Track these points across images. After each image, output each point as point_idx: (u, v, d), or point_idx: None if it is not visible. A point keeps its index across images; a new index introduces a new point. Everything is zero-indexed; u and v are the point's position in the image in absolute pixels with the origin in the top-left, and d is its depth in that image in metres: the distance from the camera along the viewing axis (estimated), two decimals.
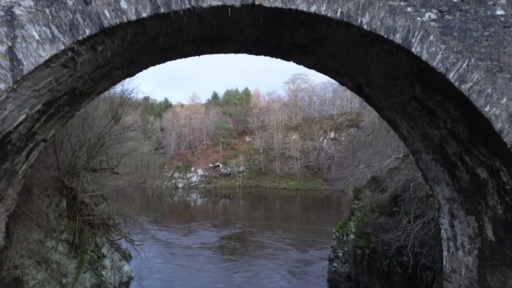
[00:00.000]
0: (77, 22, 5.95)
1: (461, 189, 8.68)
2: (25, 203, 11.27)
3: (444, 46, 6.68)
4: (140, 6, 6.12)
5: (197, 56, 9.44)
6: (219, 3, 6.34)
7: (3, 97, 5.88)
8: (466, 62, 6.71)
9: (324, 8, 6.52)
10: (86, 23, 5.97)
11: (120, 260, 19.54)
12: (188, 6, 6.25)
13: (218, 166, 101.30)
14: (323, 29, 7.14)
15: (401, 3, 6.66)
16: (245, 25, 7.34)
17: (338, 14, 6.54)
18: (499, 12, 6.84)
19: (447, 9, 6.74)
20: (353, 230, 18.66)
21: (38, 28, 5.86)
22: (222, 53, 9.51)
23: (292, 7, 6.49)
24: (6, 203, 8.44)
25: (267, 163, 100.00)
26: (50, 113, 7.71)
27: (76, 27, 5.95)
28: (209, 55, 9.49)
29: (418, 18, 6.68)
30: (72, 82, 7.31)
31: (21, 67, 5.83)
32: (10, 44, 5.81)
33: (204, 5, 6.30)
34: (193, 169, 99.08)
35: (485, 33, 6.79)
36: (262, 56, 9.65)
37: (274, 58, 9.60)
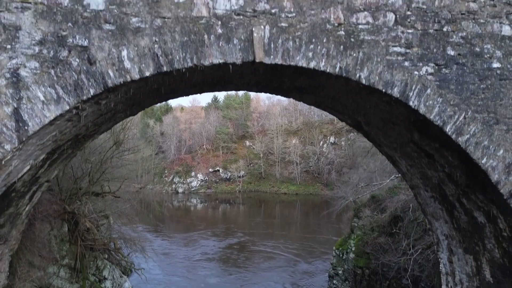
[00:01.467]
0: (81, 82, 6.07)
1: (459, 228, 8.79)
2: (27, 232, 11.38)
3: (441, 99, 6.80)
4: (143, 65, 6.25)
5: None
6: (221, 61, 6.47)
7: (8, 157, 5.99)
8: (463, 115, 6.83)
9: (323, 64, 6.64)
10: (90, 83, 6.09)
11: (120, 277, 19.64)
12: (190, 64, 6.37)
13: (218, 170, 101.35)
14: (322, 80, 7.26)
15: (399, 58, 6.78)
16: (246, 74, 7.46)
17: (337, 69, 6.66)
18: (495, 65, 6.96)
19: (444, 62, 6.86)
20: (353, 249, 18.76)
21: (43, 89, 5.98)
22: (223, 91, 9.64)
23: (292, 63, 6.62)
24: (9, 244, 8.55)
25: (267, 168, 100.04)
26: (53, 158, 7.82)
27: (80, 87, 6.07)
28: None
29: (416, 72, 6.80)
30: (76, 130, 7.43)
31: (26, 128, 5.94)
32: (15, 105, 5.92)
33: (206, 63, 6.42)
34: (193, 173, 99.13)
35: (481, 86, 6.91)
36: (262, 93, 9.81)
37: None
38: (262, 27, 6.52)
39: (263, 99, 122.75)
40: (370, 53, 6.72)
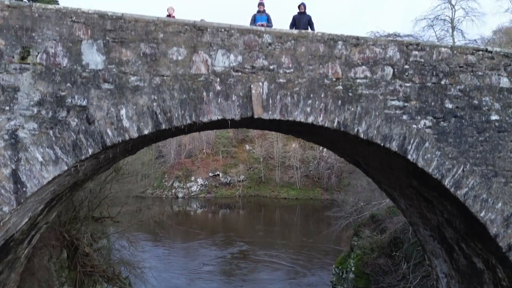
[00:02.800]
0: (80, 142, 6.07)
1: (458, 269, 8.79)
2: (26, 264, 11.36)
3: (439, 153, 6.80)
4: (142, 123, 6.25)
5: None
6: (219, 117, 6.48)
7: (6, 219, 5.99)
8: (462, 168, 6.83)
9: (321, 118, 6.65)
10: (89, 143, 6.10)
11: None
12: (189, 121, 6.38)
13: (218, 175, 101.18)
14: (320, 129, 7.26)
15: (397, 111, 6.79)
16: (244, 123, 7.47)
17: (335, 124, 6.67)
18: (494, 117, 6.97)
19: (442, 115, 6.87)
20: (353, 268, 18.74)
21: (41, 150, 5.98)
22: (221, 129, 9.64)
23: (290, 118, 6.62)
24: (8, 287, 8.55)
25: (267, 172, 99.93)
26: (52, 205, 7.83)
27: (79, 147, 6.07)
28: None
29: (414, 126, 6.80)
30: (74, 180, 7.44)
31: (24, 189, 5.94)
32: (14, 167, 5.93)
33: (205, 119, 6.43)
34: (193, 178, 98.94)
35: (480, 138, 6.92)
36: (259, 129, 9.81)
37: None
38: (261, 83, 6.53)
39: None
40: (368, 107, 6.73)
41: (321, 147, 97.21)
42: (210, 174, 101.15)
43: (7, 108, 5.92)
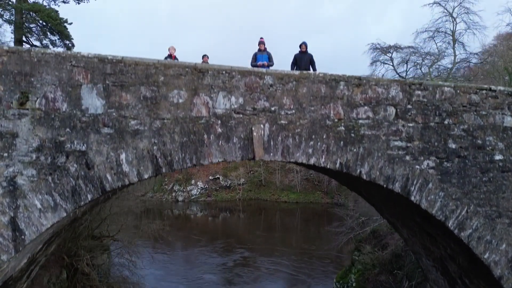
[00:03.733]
0: (79, 188, 6.00)
1: None
2: None
3: (443, 194, 6.73)
4: (142, 168, 6.18)
5: None
6: (220, 160, 6.41)
7: (4, 267, 5.92)
8: (465, 209, 6.76)
9: (323, 160, 6.58)
10: (88, 189, 6.03)
11: None
12: (189, 164, 6.31)
13: (218, 178, 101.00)
14: (322, 167, 7.19)
15: (400, 152, 6.72)
16: (244, 160, 7.39)
17: (337, 165, 6.60)
18: (498, 157, 6.90)
19: (446, 156, 6.79)
20: (354, 284, 18.64)
21: (40, 196, 5.91)
22: None
23: (292, 160, 6.56)
24: None
25: (267, 175, 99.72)
26: (51, 241, 7.75)
27: (78, 193, 6.00)
28: None
29: (417, 166, 6.73)
30: (73, 216, 7.37)
31: (23, 237, 5.87)
32: (12, 215, 5.85)
33: (205, 162, 6.36)
34: (193, 181, 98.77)
35: (483, 179, 6.85)
36: None
37: None
38: (262, 125, 6.46)
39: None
40: (371, 148, 6.66)
41: None
42: (210, 177, 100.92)
43: (6, 154, 5.85)
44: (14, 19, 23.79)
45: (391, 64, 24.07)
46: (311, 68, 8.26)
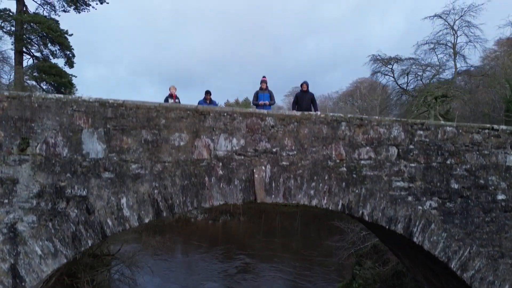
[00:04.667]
0: (79, 233, 5.97)
1: None
2: None
3: (445, 235, 6.69)
4: (142, 212, 6.15)
5: None
6: (221, 202, 6.38)
7: None
8: (468, 250, 6.73)
9: (325, 201, 6.54)
10: (88, 234, 5.99)
11: None
12: (190, 208, 6.28)
13: None
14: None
15: (402, 193, 6.69)
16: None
17: (339, 206, 6.57)
18: (500, 196, 6.86)
19: (448, 196, 6.76)
20: None
21: (40, 243, 5.88)
22: None
23: (293, 201, 6.52)
24: None
25: None
26: (51, 277, 7.71)
27: (78, 239, 5.97)
28: None
29: (419, 207, 6.70)
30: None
31: (23, 283, 5.84)
32: (12, 261, 5.82)
33: (206, 205, 6.33)
34: None
35: (486, 219, 6.81)
36: None
37: None
38: (263, 167, 6.43)
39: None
40: (373, 189, 6.63)
41: None
42: None
43: (6, 201, 5.82)
44: (14, 30, 23.77)
45: (392, 75, 24.06)
46: (312, 107, 8.23)
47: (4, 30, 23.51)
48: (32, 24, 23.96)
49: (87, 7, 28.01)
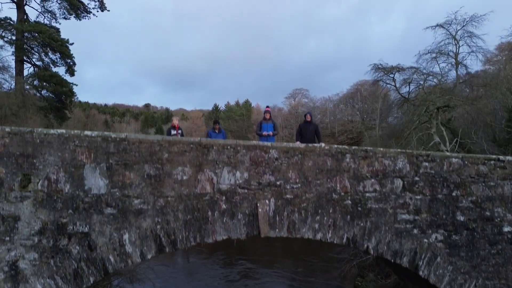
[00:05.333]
0: (81, 270, 5.90)
1: None
2: None
3: (451, 268, 6.62)
4: (145, 248, 6.08)
5: None
6: (224, 237, 6.31)
7: None
8: (474, 283, 6.65)
9: (329, 235, 6.47)
10: (90, 271, 5.92)
11: None
12: (193, 243, 6.21)
13: None
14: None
15: (407, 225, 6.62)
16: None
17: (344, 240, 6.50)
18: (506, 228, 6.79)
19: (454, 228, 6.69)
20: None
21: (42, 280, 5.80)
22: None
23: (298, 236, 6.45)
24: None
25: None
26: None
27: (80, 276, 5.89)
28: None
29: (425, 240, 6.63)
30: None
31: None
32: None
33: (209, 240, 6.26)
34: None
35: (492, 251, 6.74)
36: None
37: None
38: (267, 200, 6.36)
39: (264, 109, 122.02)
40: (378, 221, 6.56)
41: None
42: None
43: (7, 238, 5.75)
44: (15, 39, 23.71)
45: (394, 85, 23.96)
46: (316, 139, 8.16)
47: (5, 39, 23.49)
48: (33, 33, 23.92)
49: (88, 15, 28.00)
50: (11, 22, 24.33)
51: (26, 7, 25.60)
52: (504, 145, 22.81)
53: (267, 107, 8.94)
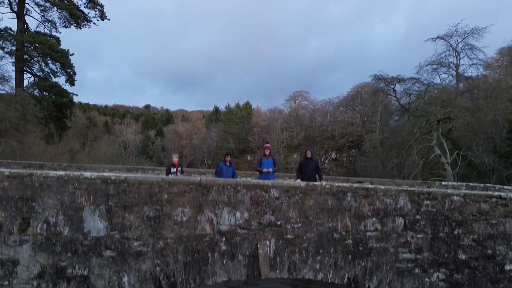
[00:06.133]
0: None
1: None
2: None
3: None
4: None
5: None
6: (224, 279, 6.27)
7: None
8: None
9: (330, 275, 6.43)
10: None
11: None
12: (193, 285, 6.17)
13: None
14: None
15: (409, 264, 6.57)
16: None
17: (345, 280, 6.46)
18: (508, 267, 6.74)
19: (455, 267, 6.64)
20: None
21: None
22: None
23: (299, 276, 6.41)
24: None
25: None
26: None
27: None
28: None
29: (427, 279, 6.58)
30: None
31: None
32: None
33: (209, 282, 6.22)
34: None
35: None
36: None
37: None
38: (268, 241, 6.32)
39: (264, 113, 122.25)
40: (379, 261, 6.51)
41: (322, 158, 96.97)
42: None
43: (6, 283, 5.72)
44: (15, 49, 23.66)
45: (394, 95, 23.90)
46: (316, 175, 8.11)
47: (6, 50, 23.44)
48: (33, 43, 23.88)
49: (88, 23, 27.96)
50: (11, 33, 24.28)
51: (26, 17, 25.57)
52: (505, 156, 22.78)
53: (267, 143, 8.92)
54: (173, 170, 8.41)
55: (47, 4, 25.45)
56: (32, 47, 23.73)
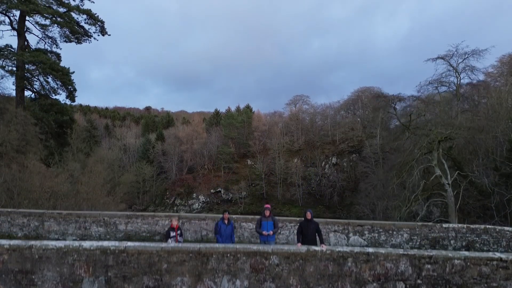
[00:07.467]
0: None
1: None
2: None
3: None
4: None
5: None
6: None
7: None
8: None
9: None
10: None
11: None
12: None
13: (220, 191, 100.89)
14: None
15: None
16: None
17: None
18: None
19: None
20: None
21: None
22: None
23: None
24: None
25: (269, 189, 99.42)
26: None
27: None
28: None
29: None
30: None
31: None
32: None
33: None
34: (194, 195, 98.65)
35: None
36: None
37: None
38: None
39: (264, 116, 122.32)
40: None
41: (323, 163, 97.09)
42: (212, 190, 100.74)
43: None
44: (16, 69, 23.60)
45: (394, 114, 23.86)
46: (317, 236, 8.03)
47: (6, 69, 23.40)
48: (34, 63, 23.83)
49: (89, 38, 27.97)
50: (12, 50, 24.27)
51: (27, 34, 25.56)
52: (506, 175, 22.68)
53: (267, 204, 8.87)
54: (172, 234, 8.29)
55: (47, 21, 25.46)
56: (33, 66, 23.68)
